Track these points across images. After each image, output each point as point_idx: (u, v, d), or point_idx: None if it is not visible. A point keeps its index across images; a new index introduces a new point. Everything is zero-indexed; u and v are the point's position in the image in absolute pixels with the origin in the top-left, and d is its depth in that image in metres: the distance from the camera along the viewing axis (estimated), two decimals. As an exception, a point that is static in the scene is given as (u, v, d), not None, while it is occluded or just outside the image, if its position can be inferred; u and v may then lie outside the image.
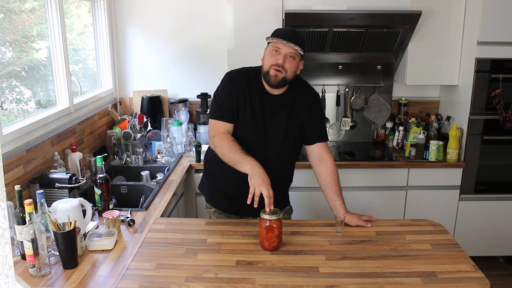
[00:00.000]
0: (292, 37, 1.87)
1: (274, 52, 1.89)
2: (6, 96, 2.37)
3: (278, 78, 1.89)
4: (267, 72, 1.91)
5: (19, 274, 1.62)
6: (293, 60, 1.89)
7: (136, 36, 3.44)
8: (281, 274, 1.56)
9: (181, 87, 3.51)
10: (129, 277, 1.56)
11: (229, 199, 2.12)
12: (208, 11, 3.37)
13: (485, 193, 3.12)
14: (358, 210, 3.06)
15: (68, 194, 2.15)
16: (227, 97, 1.98)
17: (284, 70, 1.88)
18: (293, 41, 1.86)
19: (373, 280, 1.52)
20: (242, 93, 1.98)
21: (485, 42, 2.88)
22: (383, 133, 3.47)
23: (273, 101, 1.99)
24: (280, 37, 1.87)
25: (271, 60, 1.89)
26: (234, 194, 2.07)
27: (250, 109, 1.98)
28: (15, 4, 2.37)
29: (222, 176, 2.11)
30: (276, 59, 1.88)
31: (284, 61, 1.87)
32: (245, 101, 1.98)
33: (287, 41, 1.85)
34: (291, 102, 2.01)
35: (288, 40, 1.85)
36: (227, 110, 1.98)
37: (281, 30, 1.97)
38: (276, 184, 1.88)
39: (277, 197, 1.88)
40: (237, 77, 2.01)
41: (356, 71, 3.43)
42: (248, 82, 1.99)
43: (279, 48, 1.88)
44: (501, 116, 2.95)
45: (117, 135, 2.99)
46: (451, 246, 1.77)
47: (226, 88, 2.00)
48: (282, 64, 1.87)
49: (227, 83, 2.01)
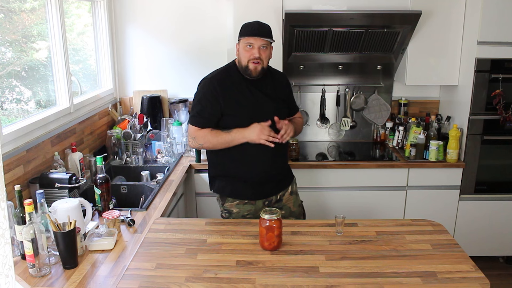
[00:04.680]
0: (260, 32, 2.09)
1: (248, 48, 2.11)
2: (6, 96, 2.37)
3: (258, 70, 2.13)
4: (247, 67, 2.13)
5: (19, 274, 1.62)
6: (266, 50, 2.13)
7: (136, 36, 3.44)
8: (281, 274, 1.56)
9: (181, 87, 3.51)
10: (129, 277, 1.56)
11: (252, 185, 2.25)
12: (208, 11, 3.37)
13: (485, 193, 3.11)
14: (358, 210, 3.10)
15: (68, 194, 2.15)
16: (208, 104, 2.16)
17: (261, 61, 2.12)
18: (263, 35, 2.09)
19: (373, 280, 1.53)
20: (229, 90, 2.16)
21: (485, 42, 2.88)
22: (383, 133, 3.47)
23: (255, 85, 2.20)
24: (250, 35, 2.09)
25: (247, 55, 2.12)
26: (254, 177, 2.24)
27: (238, 98, 2.17)
28: (15, 4, 2.37)
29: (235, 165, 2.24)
30: (251, 54, 2.10)
31: (259, 52, 2.10)
32: (236, 94, 2.16)
33: (258, 37, 2.08)
34: (271, 83, 2.25)
35: (258, 35, 2.08)
36: (207, 118, 2.17)
37: (249, 26, 2.13)
38: (278, 160, 2.27)
39: (283, 173, 2.35)
40: (218, 79, 2.19)
41: (356, 71, 3.43)
42: (232, 77, 2.19)
43: (251, 43, 2.10)
44: (501, 116, 2.95)
45: (117, 135, 2.99)
46: (451, 246, 1.77)
47: (207, 95, 2.17)
48: (259, 56, 2.10)
49: (209, 89, 2.17)
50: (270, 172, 2.24)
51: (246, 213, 2.26)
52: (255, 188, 2.25)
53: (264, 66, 2.15)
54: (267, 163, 2.22)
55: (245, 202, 2.26)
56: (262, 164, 2.21)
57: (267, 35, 2.11)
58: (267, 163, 2.22)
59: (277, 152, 2.20)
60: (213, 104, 2.15)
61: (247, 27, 2.13)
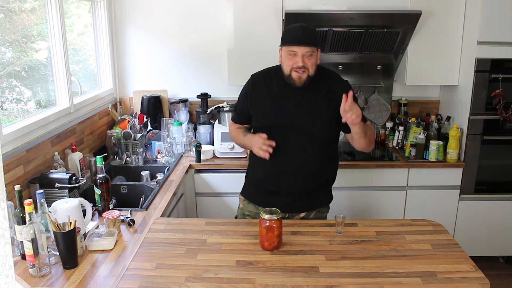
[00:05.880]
0: (303, 39, 1.89)
1: (290, 56, 1.93)
2: (6, 96, 2.37)
3: (302, 79, 1.95)
4: (289, 75, 1.96)
5: (19, 274, 1.62)
6: (311, 57, 1.93)
7: (136, 36, 3.44)
8: (281, 274, 1.56)
9: (181, 87, 3.51)
10: (129, 277, 1.56)
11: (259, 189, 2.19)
12: (208, 11, 3.37)
13: (485, 193, 3.11)
14: (358, 210, 3.10)
15: (68, 194, 2.15)
16: (242, 101, 2.16)
17: (306, 69, 1.93)
18: (306, 42, 1.89)
19: (373, 280, 1.53)
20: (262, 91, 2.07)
21: (485, 42, 2.88)
22: (383, 133, 3.47)
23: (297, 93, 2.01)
24: (292, 43, 1.91)
25: (290, 64, 1.94)
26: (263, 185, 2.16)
27: (265, 105, 2.06)
28: (15, 4, 2.37)
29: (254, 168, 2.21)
30: (294, 62, 1.92)
31: (303, 61, 1.91)
32: (265, 98, 2.05)
33: (301, 45, 1.89)
34: (314, 92, 2.01)
35: (300, 44, 1.89)
36: (239, 114, 2.19)
37: (291, 32, 1.94)
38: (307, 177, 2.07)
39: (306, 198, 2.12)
40: (257, 78, 2.12)
41: (356, 71, 3.43)
42: (269, 79, 2.07)
43: (294, 51, 1.91)
44: (501, 116, 2.95)
45: (117, 135, 2.99)
46: (451, 246, 1.77)
47: (243, 91, 2.15)
48: (303, 65, 1.91)
49: (246, 85, 2.15)
50: (282, 189, 2.08)
51: (248, 213, 2.24)
52: (262, 196, 2.16)
53: (310, 74, 1.94)
54: (285, 178, 2.06)
55: (248, 201, 2.24)
56: (279, 177, 2.07)
57: (312, 43, 1.90)
58: (285, 177, 2.05)
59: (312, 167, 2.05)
60: (244, 102, 2.13)
61: (289, 32, 1.94)
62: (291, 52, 1.92)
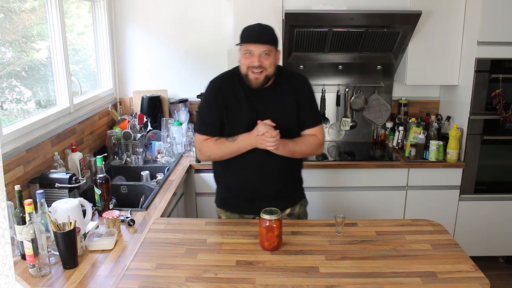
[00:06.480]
0: (260, 37, 1.86)
1: (247, 55, 1.89)
2: (6, 96, 2.37)
3: (259, 80, 1.91)
4: (247, 75, 1.92)
5: (19, 274, 1.62)
6: (268, 57, 1.88)
7: (136, 36, 3.44)
8: (281, 274, 1.56)
9: (181, 87, 3.51)
10: (129, 277, 1.56)
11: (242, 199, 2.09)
12: (208, 11, 3.37)
13: (485, 193, 3.11)
14: (358, 210, 3.10)
15: (68, 194, 2.15)
16: (210, 109, 2.01)
17: (263, 69, 1.88)
18: (262, 41, 1.86)
19: (373, 280, 1.53)
20: (229, 98, 1.98)
21: (485, 42, 2.88)
22: (383, 133, 3.47)
23: (261, 96, 1.98)
24: (248, 41, 1.87)
25: (246, 63, 1.89)
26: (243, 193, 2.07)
27: (240, 109, 1.97)
28: (15, 4, 2.37)
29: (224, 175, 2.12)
30: (251, 61, 1.87)
31: (259, 60, 1.86)
32: (234, 103, 1.98)
33: (256, 43, 1.85)
34: (279, 92, 1.99)
35: (256, 42, 1.85)
36: (209, 124, 2.01)
37: (248, 31, 1.91)
38: (283, 177, 2.01)
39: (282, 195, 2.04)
40: (220, 83, 2.03)
41: (356, 71, 3.43)
42: (232, 84, 1.99)
43: (251, 50, 1.87)
44: (501, 116, 2.95)
45: (117, 135, 2.99)
46: (451, 246, 1.77)
47: (210, 100, 2.02)
48: (260, 65, 1.87)
49: (211, 93, 2.03)
50: (262, 191, 2.03)
51: None
52: (243, 203, 2.10)
53: (268, 74, 1.90)
54: (260, 179, 2.01)
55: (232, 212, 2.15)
56: (253, 180, 2.02)
57: (269, 41, 1.87)
58: (259, 179, 2.01)
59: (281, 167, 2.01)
60: (213, 110, 1.99)
61: (246, 31, 1.90)
62: (247, 51, 1.88)
